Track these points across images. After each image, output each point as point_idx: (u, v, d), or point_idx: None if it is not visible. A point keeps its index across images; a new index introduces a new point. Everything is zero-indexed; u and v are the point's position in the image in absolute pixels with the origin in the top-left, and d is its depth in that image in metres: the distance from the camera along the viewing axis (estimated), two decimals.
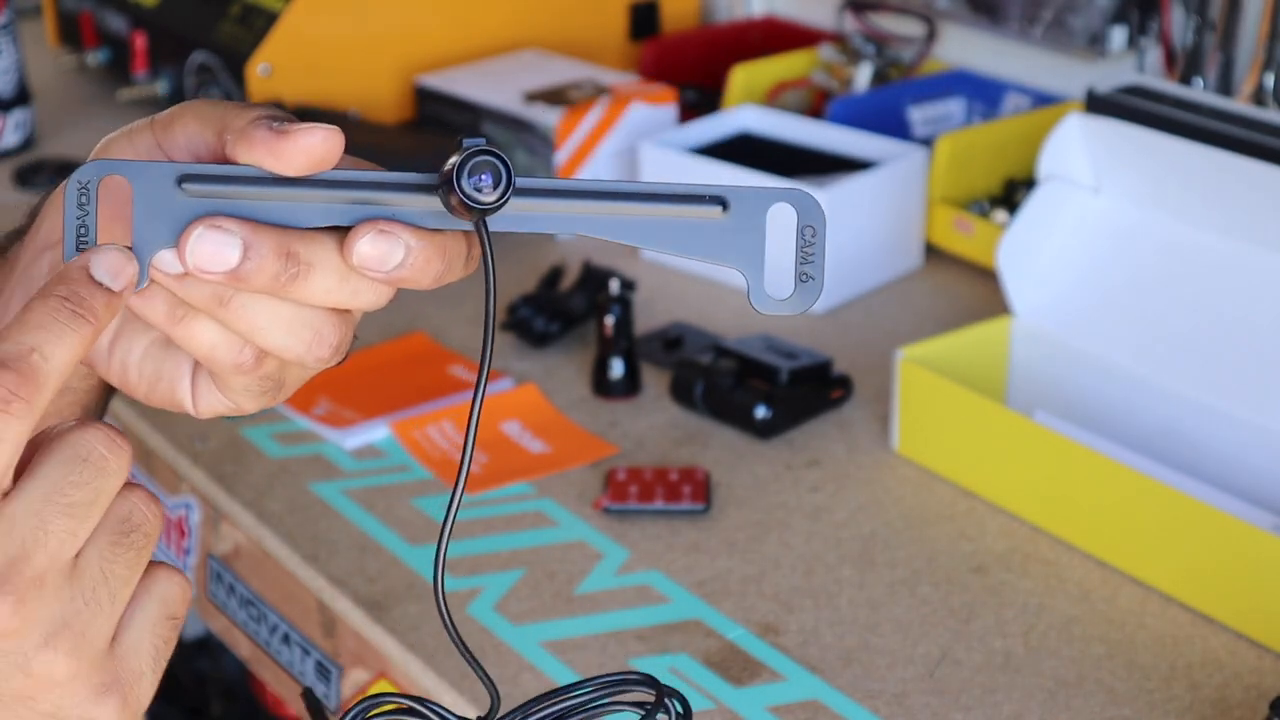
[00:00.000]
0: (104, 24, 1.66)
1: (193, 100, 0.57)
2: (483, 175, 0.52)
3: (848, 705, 0.85)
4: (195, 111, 0.56)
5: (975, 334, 1.09)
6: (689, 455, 1.07)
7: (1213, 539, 0.90)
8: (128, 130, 0.57)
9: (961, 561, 0.96)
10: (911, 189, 1.30)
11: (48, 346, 0.48)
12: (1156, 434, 1.02)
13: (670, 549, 0.98)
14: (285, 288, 0.53)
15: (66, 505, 0.48)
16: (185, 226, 0.52)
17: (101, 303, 0.50)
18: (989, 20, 1.42)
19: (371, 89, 1.52)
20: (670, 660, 0.88)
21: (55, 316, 0.49)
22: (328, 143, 0.52)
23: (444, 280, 0.54)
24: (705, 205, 0.54)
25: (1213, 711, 0.84)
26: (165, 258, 0.52)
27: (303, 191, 0.53)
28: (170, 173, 0.53)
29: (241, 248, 0.52)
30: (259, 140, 0.52)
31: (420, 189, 0.53)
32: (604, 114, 1.39)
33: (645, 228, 0.54)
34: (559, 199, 0.54)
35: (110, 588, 0.49)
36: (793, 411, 1.09)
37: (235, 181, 0.53)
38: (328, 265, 0.53)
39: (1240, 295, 1.01)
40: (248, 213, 0.53)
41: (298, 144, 0.51)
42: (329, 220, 0.53)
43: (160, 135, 0.56)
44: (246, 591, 1.04)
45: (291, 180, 0.53)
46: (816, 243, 0.54)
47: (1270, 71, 1.20)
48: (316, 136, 0.52)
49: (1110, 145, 1.05)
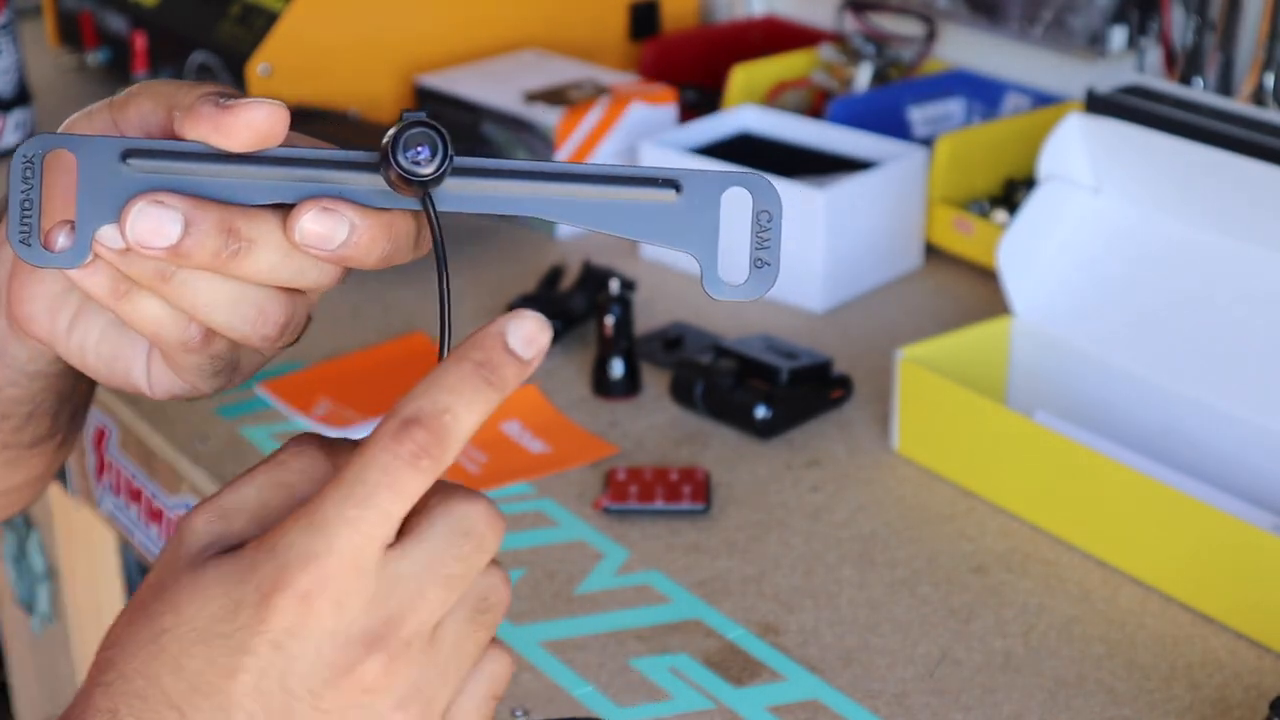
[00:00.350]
0: (104, 24, 1.66)
1: (150, 80, 0.57)
2: (419, 148, 0.51)
3: (848, 705, 0.85)
4: (149, 90, 0.56)
5: (975, 334, 1.09)
6: (689, 455, 1.07)
7: (1213, 539, 0.90)
8: (87, 111, 0.57)
9: (961, 561, 0.96)
10: (911, 189, 1.30)
11: (458, 409, 0.48)
12: (1156, 434, 1.02)
13: (670, 549, 0.98)
14: (226, 264, 0.53)
15: (445, 576, 0.48)
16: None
17: (512, 372, 0.50)
18: (989, 20, 1.42)
19: (371, 89, 1.52)
20: (670, 660, 0.88)
21: (469, 381, 0.49)
22: (271, 118, 0.52)
23: (392, 261, 0.54)
24: (657, 188, 0.53)
25: (1213, 711, 0.84)
26: (107, 233, 0.52)
27: (247, 168, 0.53)
28: (115, 147, 0.53)
29: (182, 223, 0.52)
30: (204, 116, 0.52)
31: (366, 167, 0.53)
32: (604, 114, 1.39)
33: (597, 210, 0.53)
34: (507, 179, 0.53)
35: (459, 662, 0.50)
36: (793, 411, 1.09)
37: (180, 157, 0.53)
38: (270, 242, 0.53)
39: (1240, 295, 1.01)
40: (193, 189, 0.52)
41: (240, 119, 0.51)
42: (275, 197, 0.53)
43: (117, 114, 0.56)
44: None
45: (237, 156, 0.52)
46: (772, 228, 0.53)
47: (1270, 71, 1.20)
48: (260, 112, 0.51)
49: (1110, 145, 1.05)
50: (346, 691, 0.47)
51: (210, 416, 1.12)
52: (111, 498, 1.20)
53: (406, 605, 0.48)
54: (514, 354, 0.50)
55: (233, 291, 0.54)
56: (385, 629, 0.48)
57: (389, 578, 0.48)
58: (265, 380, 1.16)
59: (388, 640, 0.48)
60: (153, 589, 0.49)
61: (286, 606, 0.47)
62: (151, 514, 1.14)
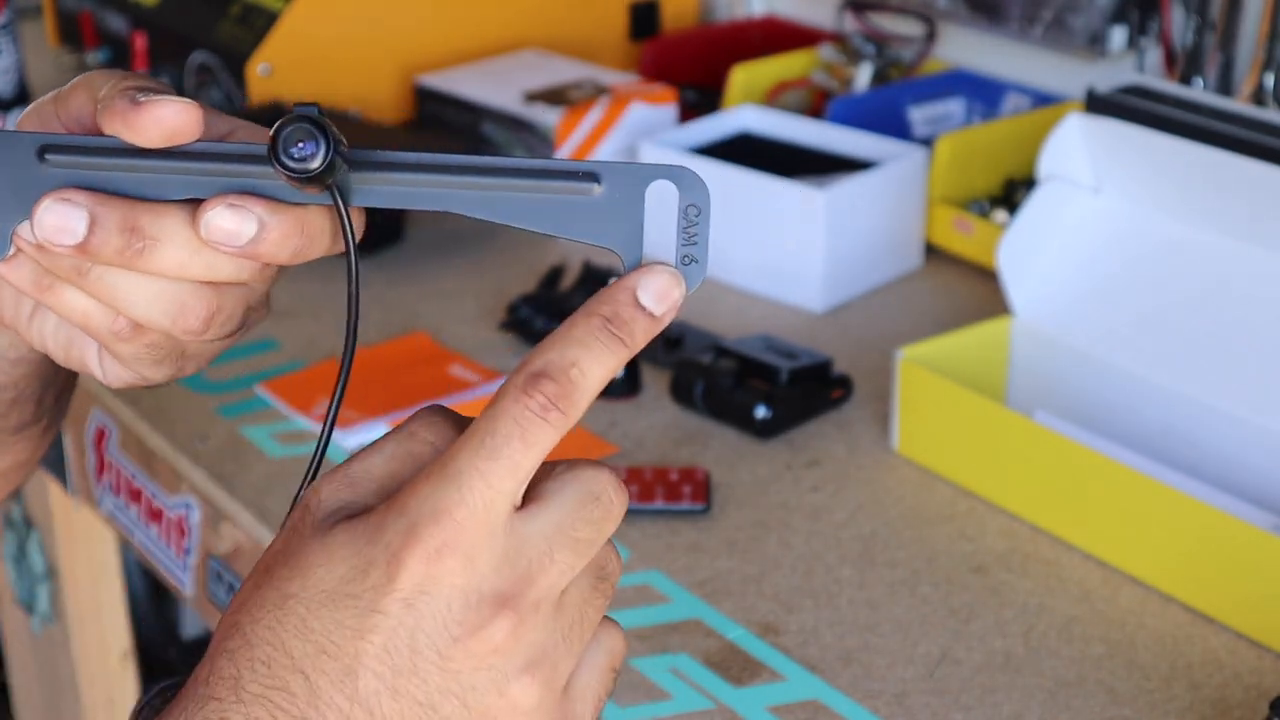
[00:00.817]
0: (104, 24, 1.66)
1: (94, 70, 0.57)
2: (301, 144, 0.50)
3: (848, 705, 0.85)
4: (87, 82, 0.56)
5: (975, 334, 1.09)
6: (689, 455, 1.07)
7: (1213, 539, 0.90)
8: (36, 105, 0.57)
9: (961, 561, 0.96)
10: (911, 189, 1.30)
11: (586, 363, 0.48)
12: (1156, 434, 1.02)
13: (670, 549, 0.98)
14: (132, 261, 0.53)
15: (574, 540, 0.48)
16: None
17: (641, 327, 0.50)
18: (989, 20, 1.42)
19: (371, 89, 1.52)
20: (670, 660, 0.88)
21: (597, 336, 0.49)
22: (181, 116, 0.52)
23: (306, 256, 0.54)
24: (577, 181, 0.52)
25: (1213, 711, 0.84)
26: (24, 228, 0.53)
27: (160, 164, 0.52)
28: (32, 143, 0.53)
29: (88, 221, 0.52)
30: (117, 111, 0.52)
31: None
32: (604, 114, 1.39)
33: (514, 205, 0.52)
34: (415, 173, 0.52)
35: (582, 629, 0.49)
36: (793, 411, 1.09)
37: (95, 153, 0.53)
38: (177, 239, 0.53)
39: (1240, 295, 1.01)
40: (109, 185, 0.52)
41: (150, 115, 0.51)
42: (188, 193, 0.53)
43: (59, 108, 0.56)
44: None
45: (150, 152, 0.52)
46: (700, 222, 0.52)
47: (1270, 71, 1.20)
48: (170, 109, 0.51)
49: (1110, 145, 1.05)
50: (475, 652, 0.47)
51: (210, 416, 1.12)
52: (111, 498, 1.20)
53: (536, 566, 0.48)
54: (644, 309, 0.50)
55: (149, 286, 0.54)
56: (515, 589, 0.47)
57: (519, 537, 0.48)
58: (265, 380, 1.16)
59: (517, 601, 0.47)
60: (278, 555, 0.49)
61: (417, 564, 0.47)
62: (151, 514, 1.14)
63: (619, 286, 0.50)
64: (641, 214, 0.52)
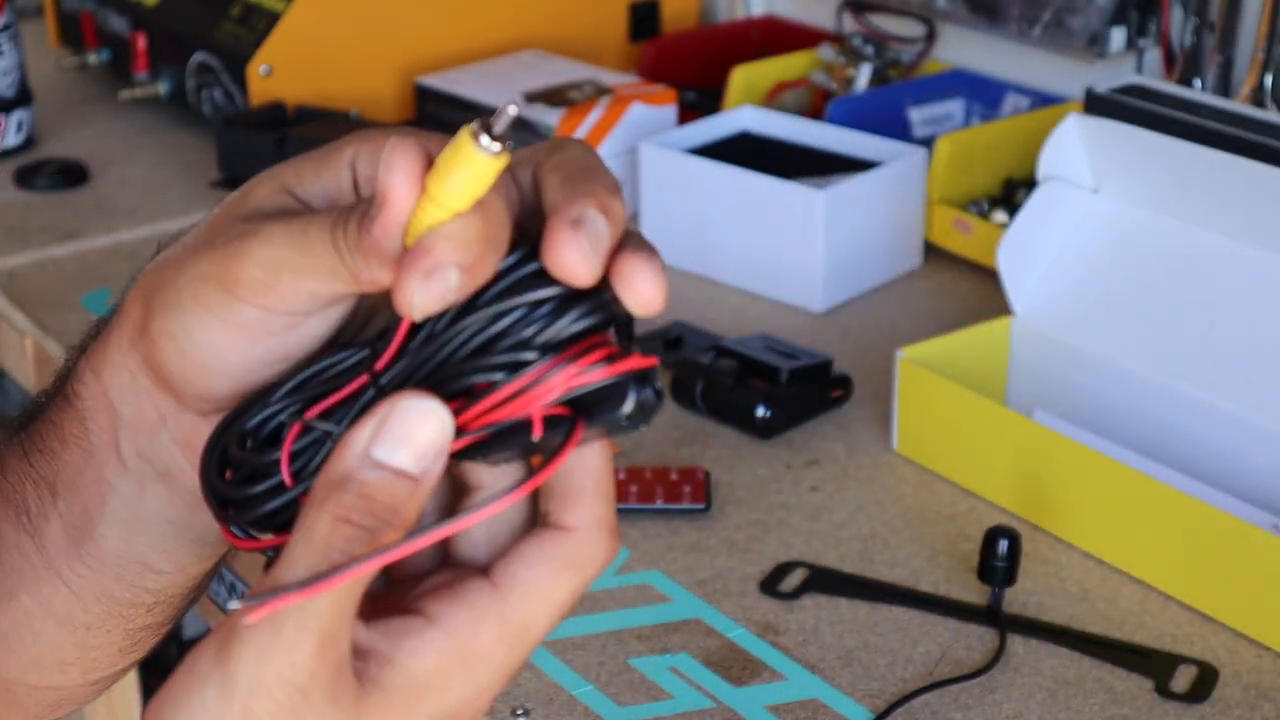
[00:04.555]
0: (105, 24, 1.66)
1: (357, 135, 0.51)
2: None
3: (848, 705, 0.85)
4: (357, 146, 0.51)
5: (975, 334, 1.10)
6: (689, 455, 1.07)
7: (1213, 539, 0.90)
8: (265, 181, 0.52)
9: (961, 561, 0.96)
10: (911, 189, 1.30)
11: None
12: (1156, 434, 1.02)
13: (670, 549, 0.98)
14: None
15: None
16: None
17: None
18: (989, 21, 1.42)
19: (371, 89, 1.53)
20: (670, 660, 0.88)
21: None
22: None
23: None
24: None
25: (1212, 711, 0.84)
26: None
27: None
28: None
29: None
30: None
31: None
32: (604, 114, 1.39)
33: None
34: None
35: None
36: (793, 411, 1.09)
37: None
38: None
39: (1240, 295, 1.01)
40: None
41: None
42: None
43: (300, 176, 0.51)
44: (246, 590, 1.04)
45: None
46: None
47: (1269, 72, 1.20)
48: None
49: (1110, 145, 1.05)
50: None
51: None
52: None
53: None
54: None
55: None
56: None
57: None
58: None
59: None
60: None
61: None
62: None
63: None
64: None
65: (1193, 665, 0.87)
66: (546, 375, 0.44)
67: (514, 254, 0.45)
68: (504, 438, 0.46)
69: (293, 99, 1.46)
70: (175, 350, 0.50)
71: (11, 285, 1.31)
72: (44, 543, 0.56)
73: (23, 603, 0.56)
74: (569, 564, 0.48)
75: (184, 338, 0.50)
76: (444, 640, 0.47)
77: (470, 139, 0.43)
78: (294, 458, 0.48)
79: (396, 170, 0.44)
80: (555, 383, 0.44)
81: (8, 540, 0.56)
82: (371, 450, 0.45)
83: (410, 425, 0.45)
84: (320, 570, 0.44)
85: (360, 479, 0.45)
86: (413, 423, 0.45)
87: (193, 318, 0.49)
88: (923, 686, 0.86)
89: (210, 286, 0.48)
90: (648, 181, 1.33)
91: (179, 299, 0.49)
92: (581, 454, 0.48)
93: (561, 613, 0.49)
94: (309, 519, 0.45)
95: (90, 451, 0.54)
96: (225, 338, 0.49)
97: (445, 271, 0.44)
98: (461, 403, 0.45)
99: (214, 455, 0.50)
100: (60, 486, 0.55)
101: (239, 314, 0.48)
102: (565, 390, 0.44)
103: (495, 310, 0.45)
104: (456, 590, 0.48)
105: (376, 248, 0.45)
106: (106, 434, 0.53)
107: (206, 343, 0.49)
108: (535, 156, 0.48)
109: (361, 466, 0.45)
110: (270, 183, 0.51)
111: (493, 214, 0.44)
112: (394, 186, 0.44)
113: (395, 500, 0.45)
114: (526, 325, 0.45)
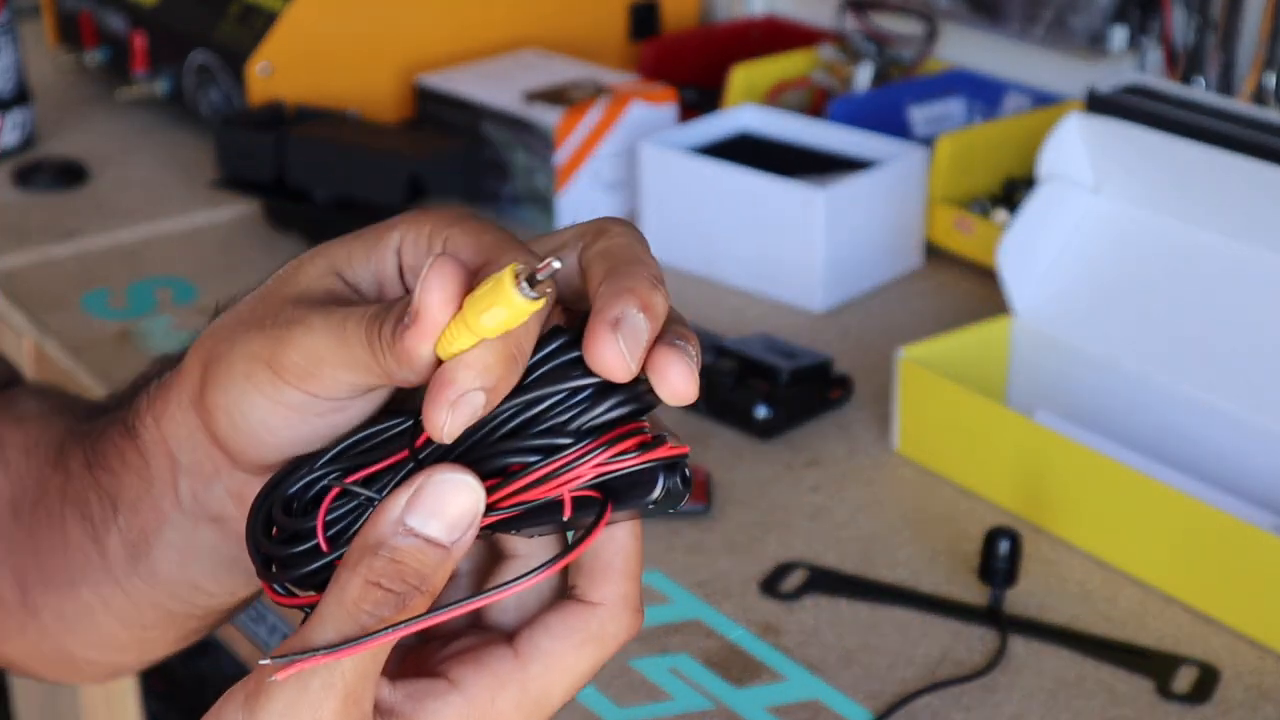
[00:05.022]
0: (103, 23, 1.66)
1: (420, 217, 0.51)
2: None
3: (848, 705, 0.85)
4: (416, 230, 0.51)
5: (975, 334, 1.09)
6: (689, 455, 1.07)
7: (1213, 539, 0.90)
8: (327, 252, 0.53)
9: (962, 562, 0.96)
10: (911, 189, 1.30)
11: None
12: (1156, 434, 1.02)
13: (670, 549, 0.98)
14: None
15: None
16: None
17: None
18: (989, 20, 1.42)
19: (371, 89, 1.52)
20: (670, 660, 0.88)
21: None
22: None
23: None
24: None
25: (1213, 711, 0.84)
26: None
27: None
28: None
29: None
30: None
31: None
32: (604, 114, 1.39)
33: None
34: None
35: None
36: (793, 411, 1.09)
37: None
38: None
39: (1241, 295, 1.01)
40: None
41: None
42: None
43: (361, 256, 0.52)
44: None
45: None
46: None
47: (1271, 71, 1.20)
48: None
49: (1110, 145, 1.05)
50: None
51: None
52: None
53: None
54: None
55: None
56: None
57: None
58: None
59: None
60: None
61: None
62: None
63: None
64: None
65: (1194, 666, 0.87)
66: (579, 460, 0.46)
67: (557, 339, 0.47)
68: (535, 515, 0.47)
69: (292, 98, 1.46)
70: (229, 423, 0.52)
71: (10, 285, 1.31)
72: (105, 550, 0.58)
73: (84, 596, 0.59)
74: (591, 638, 0.50)
75: (237, 413, 0.51)
76: (464, 705, 0.48)
77: (512, 283, 0.44)
78: (334, 523, 0.50)
79: (434, 290, 0.45)
80: (587, 468, 0.46)
81: (74, 538, 0.59)
82: (405, 518, 0.47)
83: (444, 497, 0.47)
84: (348, 631, 0.46)
85: (393, 544, 0.47)
86: (446, 495, 0.47)
87: (245, 396, 0.51)
88: (923, 687, 0.86)
89: (260, 367, 0.50)
90: (648, 181, 1.33)
91: (231, 375, 0.51)
92: (612, 532, 0.50)
93: (580, 684, 0.50)
94: (341, 580, 0.47)
95: (150, 482, 0.56)
96: (275, 416, 0.51)
97: (470, 397, 0.45)
98: (497, 480, 0.47)
99: (259, 517, 0.52)
100: (121, 504, 0.57)
101: (287, 396, 0.50)
102: (596, 475, 0.46)
103: (534, 395, 0.46)
104: (481, 656, 0.49)
105: (408, 356, 0.46)
106: (166, 473, 0.56)
107: (258, 420, 0.51)
108: (582, 238, 0.50)
109: (394, 533, 0.47)
110: (321, 262, 0.52)
111: (514, 336, 0.46)
112: (429, 307, 0.45)
113: (424, 568, 0.47)
114: (563, 411, 0.46)
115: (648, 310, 0.46)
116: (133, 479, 0.57)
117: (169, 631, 0.61)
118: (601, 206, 1.41)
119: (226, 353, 0.51)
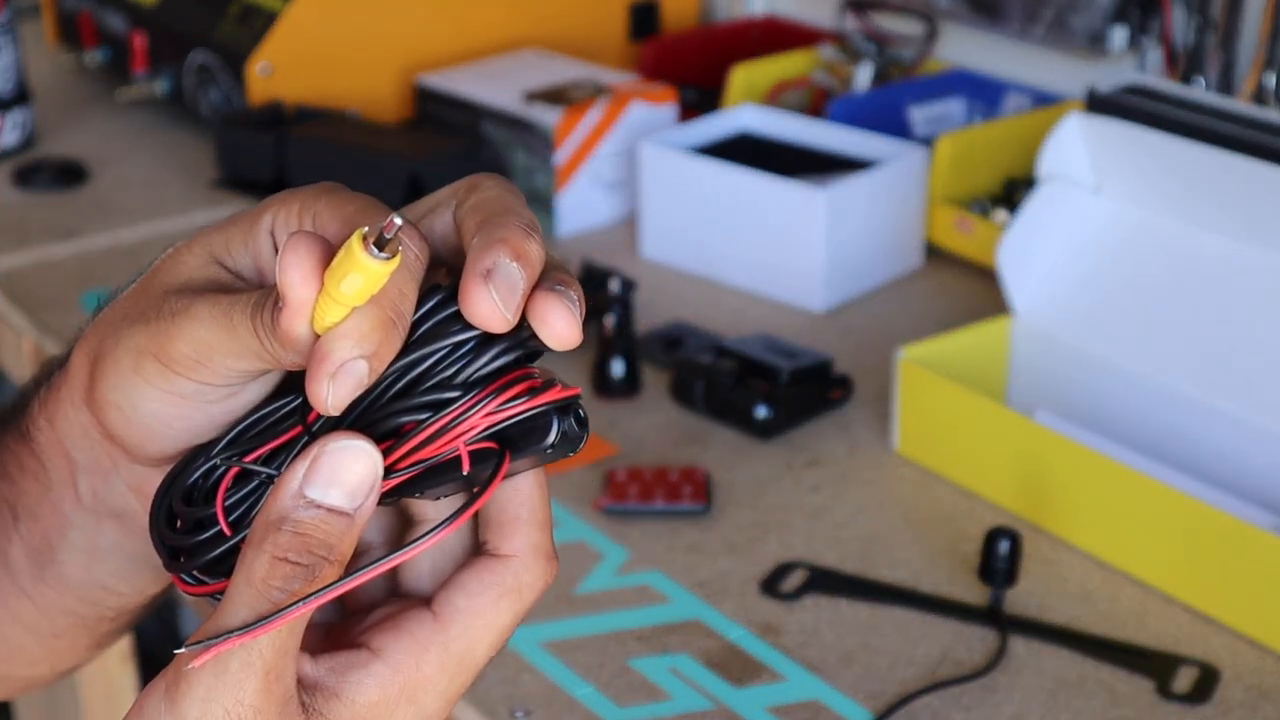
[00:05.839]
0: (103, 23, 1.66)
1: (289, 198, 0.51)
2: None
3: (848, 705, 0.85)
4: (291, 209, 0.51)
5: (975, 334, 1.09)
6: (689, 455, 1.07)
7: (1213, 539, 0.90)
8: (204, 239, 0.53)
9: (962, 562, 0.96)
10: (912, 189, 1.30)
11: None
12: (1156, 434, 1.02)
13: (670, 549, 0.98)
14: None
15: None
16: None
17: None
18: (989, 20, 1.42)
19: (371, 89, 1.52)
20: (670, 660, 0.88)
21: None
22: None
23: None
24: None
25: (1213, 711, 0.84)
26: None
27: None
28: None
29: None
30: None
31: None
32: (604, 114, 1.39)
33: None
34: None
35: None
36: (793, 411, 1.09)
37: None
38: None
39: (1241, 295, 1.01)
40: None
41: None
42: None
43: (238, 239, 0.52)
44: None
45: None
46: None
47: (1271, 71, 1.20)
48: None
49: (1111, 145, 1.05)
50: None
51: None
52: None
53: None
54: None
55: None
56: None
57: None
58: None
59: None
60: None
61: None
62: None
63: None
64: None
65: (1194, 666, 0.87)
66: (469, 412, 0.46)
67: (435, 296, 0.47)
68: (435, 474, 0.47)
69: (292, 98, 1.46)
70: (121, 418, 0.52)
71: (10, 285, 1.31)
72: (8, 560, 0.58)
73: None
74: (507, 591, 0.50)
75: (128, 407, 0.51)
76: (388, 673, 0.48)
77: (360, 247, 0.44)
78: (235, 507, 0.50)
79: (290, 268, 0.45)
80: (477, 419, 0.46)
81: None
82: (305, 490, 0.46)
83: (341, 464, 0.46)
84: (261, 609, 0.45)
85: (295, 518, 0.46)
86: (343, 462, 0.46)
87: (135, 389, 0.51)
88: (923, 687, 0.86)
89: (148, 360, 0.50)
90: (647, 181, 1.33)
91: (119, 370, 0.51)
92: (516, 483, 0.50)
93: (503, 638, 0.50)
94: (248, 559, 0.46)
95: (49, 486, 0.56)
96: (168, 407, 0.51)
97: (350, 366, 0.45)
98: (391, 443, 0.47)
99: (161, 510, 0.52)
100: (21, 511, 0.57)
101: (177, 386, 0.50)
102: (488, 425, 0.46)
103: (418, 355, 0.47)
104: (400, 622, 0.49)
105: (288, 339, 0.46)
106: (64, 473, 0.55)
107: (150, 412, 0.51)
108: (455, 196, 0.49)
109: (295, 506, 0.46)
110: (200, 251, 0.52)
111: (388, 298, 0.46)
112: (291, 286, 0.46)
113: (330, 537, 0.46)
114: (448, 366, 0.47)
115: (521, 259, 0.46)
116: (30, 484, 0.56)
117: (80, 639, 0.60)
118: (601, 206, 1.41)
119: (113, 348, 0.51)
